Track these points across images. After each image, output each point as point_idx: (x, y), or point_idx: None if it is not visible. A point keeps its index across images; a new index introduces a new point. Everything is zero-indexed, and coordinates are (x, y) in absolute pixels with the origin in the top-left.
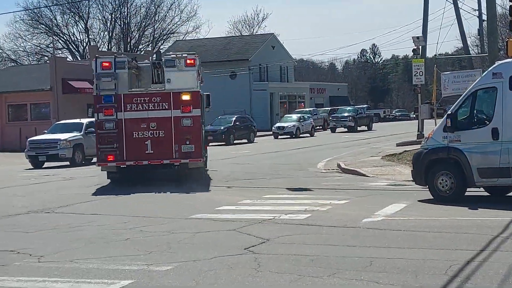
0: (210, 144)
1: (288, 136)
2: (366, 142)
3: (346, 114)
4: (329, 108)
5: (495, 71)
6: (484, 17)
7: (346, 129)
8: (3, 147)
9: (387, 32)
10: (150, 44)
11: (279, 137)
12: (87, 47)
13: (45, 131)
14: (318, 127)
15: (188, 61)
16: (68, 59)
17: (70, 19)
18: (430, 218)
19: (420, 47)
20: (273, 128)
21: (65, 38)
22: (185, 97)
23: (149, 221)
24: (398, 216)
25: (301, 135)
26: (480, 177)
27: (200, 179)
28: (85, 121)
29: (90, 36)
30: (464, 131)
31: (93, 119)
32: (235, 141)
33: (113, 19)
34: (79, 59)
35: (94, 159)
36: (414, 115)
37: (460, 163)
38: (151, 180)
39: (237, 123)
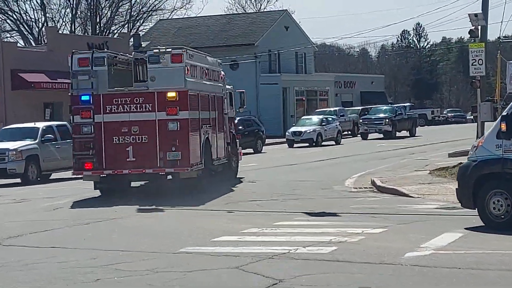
0: None
1: (307, 144)
2: (408, 152)
3: (381, 116)
4: (360, 108)
5: None
6: None
7: (381, 135)
8: None
9: (436, 8)
10: (126, 25)
11: (295, 145)
12: (43, 29)
13: None
14: (346, 133)
15: (175, 58)
16: (19, 45)
17: None
18: (495, 252)
19: (480, 27)
20: (287, 134)
21: (14, 17)
22: (171, 97)
23: (126, 256)
24: (453, 249)
25: (323, 143)
26: None
27: (195, 191)
28: (41, 125)
29: (47, 15)
30: None
31: (51, 123)
32: None
33: None
34: (33, 44)
35: (54, 175)
36: (472, 117)
37: None
38: (133, 195)
39: (240, 127)
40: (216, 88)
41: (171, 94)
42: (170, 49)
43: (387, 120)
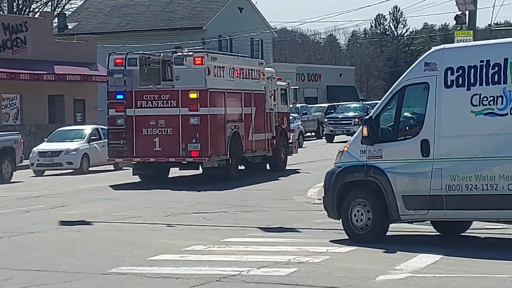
0: None
1: None
2: None
3: (350, 115)
4: (326, 105)
5: (427, 61)
6: None
7: (350, 137)
8: None
9: None
10: (50, 3)
11: None
12: None
13: None
14: (308, 134)
15: (197, 60)
16: None
17: None
18: (481, 276)
19: (467, 12)
20: None
21: None
22: (193, 95)
23: (46, 277)
24: (432, 272)
25: None
26: (406, 208)
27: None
28: None
29: None
30: (388, 143)
31: None
32: None
33: None
34: None
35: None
36: None
37: (380, 188)
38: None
39: None
40: (253, 85)
41: (192, 92)
42: (192, 53)
43: (356, 120)
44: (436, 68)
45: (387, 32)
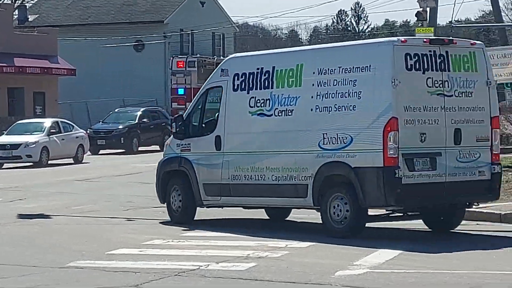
0: (101, 152)
1: None
2: None
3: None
4: None
5: (223, 67)
6: None
7: None
8: None
9: None
10: None
11: None
12: None
13: None
14: None
15: None
16: None
17: None
18: (439, 272)
19: (428, 9)
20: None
21: None
22: None
23: (3, 270)
24: (391, 268)
25: None
26: (206, 194)
27: None
28: None
29: None
30: (195, 138)
31: None
32: (141, 148)
33: None
34: None
35: None
36: None
37: (188, 177)
38: None
39: (144, 120)
40: None
41: None
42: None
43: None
44: (228, 74)
45: (349, 28)
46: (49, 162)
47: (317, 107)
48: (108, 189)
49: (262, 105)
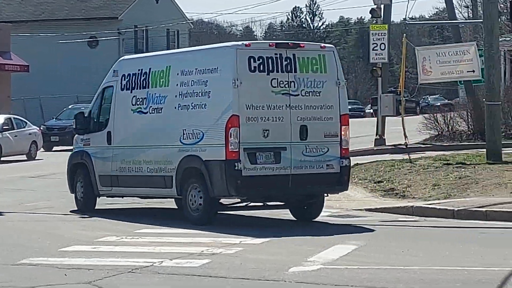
0: (54, 148)
1: None
2: None
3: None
4: None
5: (114, 68)
6: None
7: None
8: None
9: None
10: None
11: None
12: None
13: None
14: None
15: None
16: None
17: None
18: (392, 268)
19: (382, 6)
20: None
21: None
22: None
23: None
24: (344, 264)
25: None
26: (101, 185)
27: None
28: None
29: None
30: (94, 133)
31: None
32: None
33: None
34: None
35: None
36: (372, 110)
37: (88, 169)
38: None
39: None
40: None
41: None
42: None
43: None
44: (118, 75)
45: (304, 25)
46: (2, 158)
47: (179, 105)
48: (61, 186)
49: (141, 103)
